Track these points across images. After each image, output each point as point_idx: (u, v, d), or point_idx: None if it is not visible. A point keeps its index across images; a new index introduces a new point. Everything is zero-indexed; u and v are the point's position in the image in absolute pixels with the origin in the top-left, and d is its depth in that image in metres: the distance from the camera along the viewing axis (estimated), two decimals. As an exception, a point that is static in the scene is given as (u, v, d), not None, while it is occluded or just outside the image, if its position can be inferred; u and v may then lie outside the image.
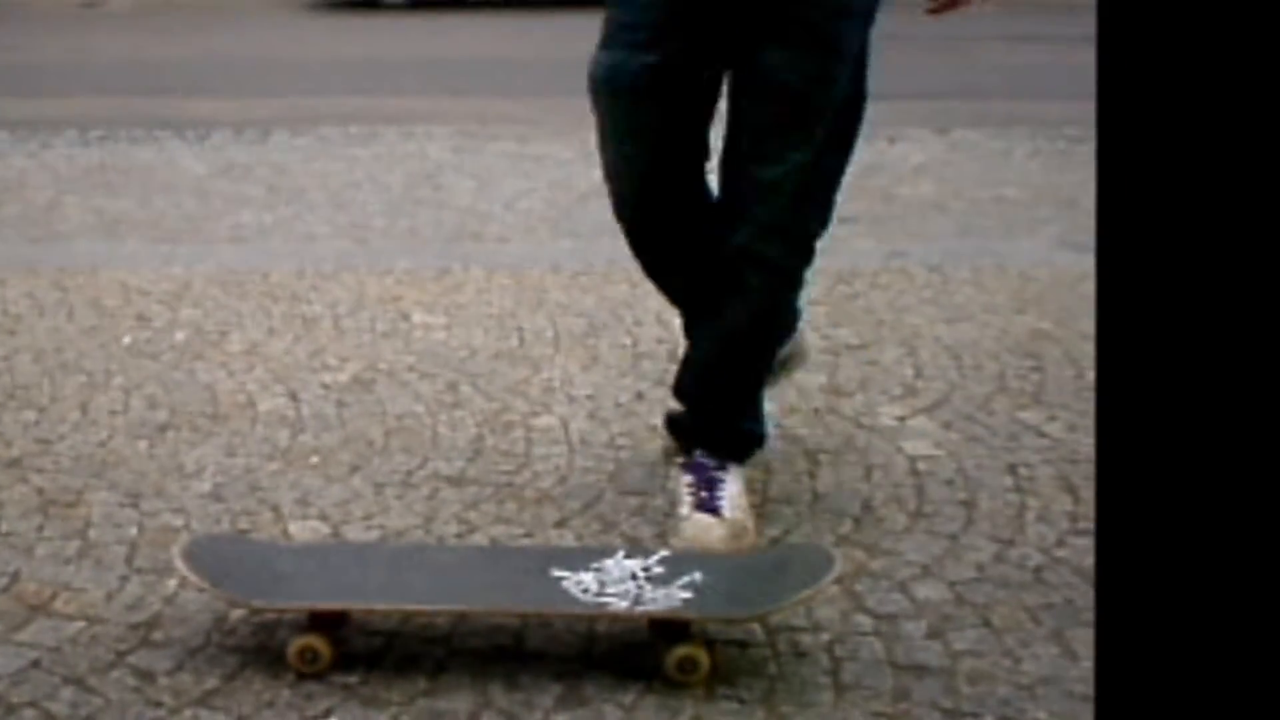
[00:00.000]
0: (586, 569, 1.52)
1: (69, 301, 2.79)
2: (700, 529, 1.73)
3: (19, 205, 3.68)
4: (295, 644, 1.47)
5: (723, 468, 1.80)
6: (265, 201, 3.70)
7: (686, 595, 1.48)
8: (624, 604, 1.47)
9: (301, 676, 1.47)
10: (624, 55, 1.71)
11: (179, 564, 1.54)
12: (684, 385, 1.89)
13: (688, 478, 1.81)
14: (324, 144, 4.48)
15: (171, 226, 3.47)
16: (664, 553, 1.58)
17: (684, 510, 1.78)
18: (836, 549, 1.76)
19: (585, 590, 1.49)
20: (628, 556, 1.55)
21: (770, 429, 1.93)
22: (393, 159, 4.22)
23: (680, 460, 1.89)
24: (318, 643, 1.47)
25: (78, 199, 3.75)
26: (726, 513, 1.75)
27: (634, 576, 1.51)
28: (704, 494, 1.77)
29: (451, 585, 1.53)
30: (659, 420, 2.11)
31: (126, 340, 2.57)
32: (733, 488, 1.79)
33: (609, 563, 1.53)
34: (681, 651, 1.45)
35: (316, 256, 3.16)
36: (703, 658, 1.45)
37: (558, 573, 1.51)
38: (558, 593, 1.49)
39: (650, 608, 1.47)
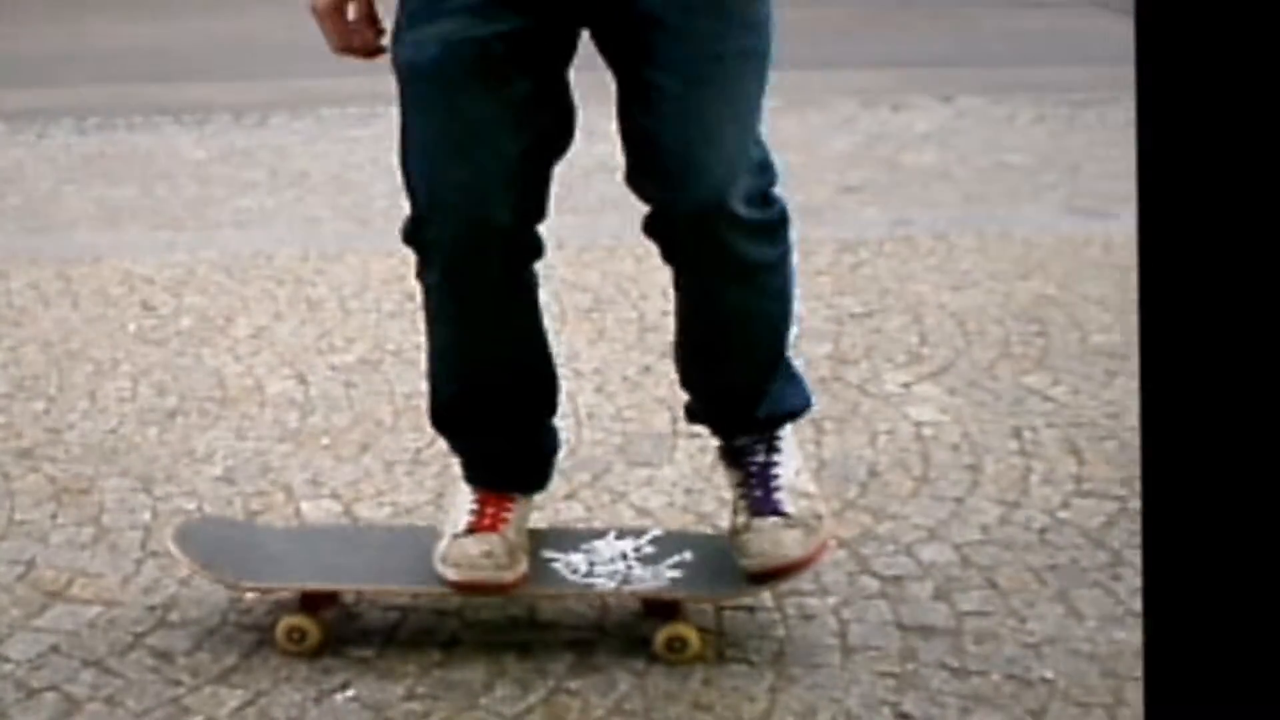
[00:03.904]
0: (577, 550, 1.53)
1: (73, 291, 2.80)
2: (766, 540, 1.43)
3: (19, 196, 3.69)
4: (284, 623, 1.49)
5: (772, 447, 1.50)
6: (267, 185, 3.70)
7: (675, 574, 1.49)
8: (611, 584, 1.48)
9: (317, 652, 1.49)
10: (454, 26, 1.34)
11: (171, 547, 1.56)
12: (691, 375, 1.54)
13: (735, 474, 1.51)
14: (324, 126, 4.48)
15: (173, 213, 3.47)
16: (655, 533, 1.58)
17: (740, 518, 1.47)
18: (843, 514, 1.77)
19: (574, 571, 1.49)
20: (619, 537, 1.56)
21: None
22: (394, 139, 4.21)
23: (719, 446, 1.55)
24: (306, 623, 1.49)
25: (77, 188, 3.76)
26: (788, 507, 1.46)
27: (624, 556, 1.51)
28: (758, 492, 1.47)
29: None
30: (665, 393, 2.12)
31: (132, 328, 2.58)
32: (789, 468, 1.49)
33: (599, 544, 1.54)
34: (669, 631, 1.45)
35: (320, 239, 3.16)
36: (692, 636, 1.45)
37: (548, 554, 1.52)
38: (546, 573, 1.50)
39: (637, 587, 1.48)
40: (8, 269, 2.95)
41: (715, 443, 1.58)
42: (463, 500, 1.54)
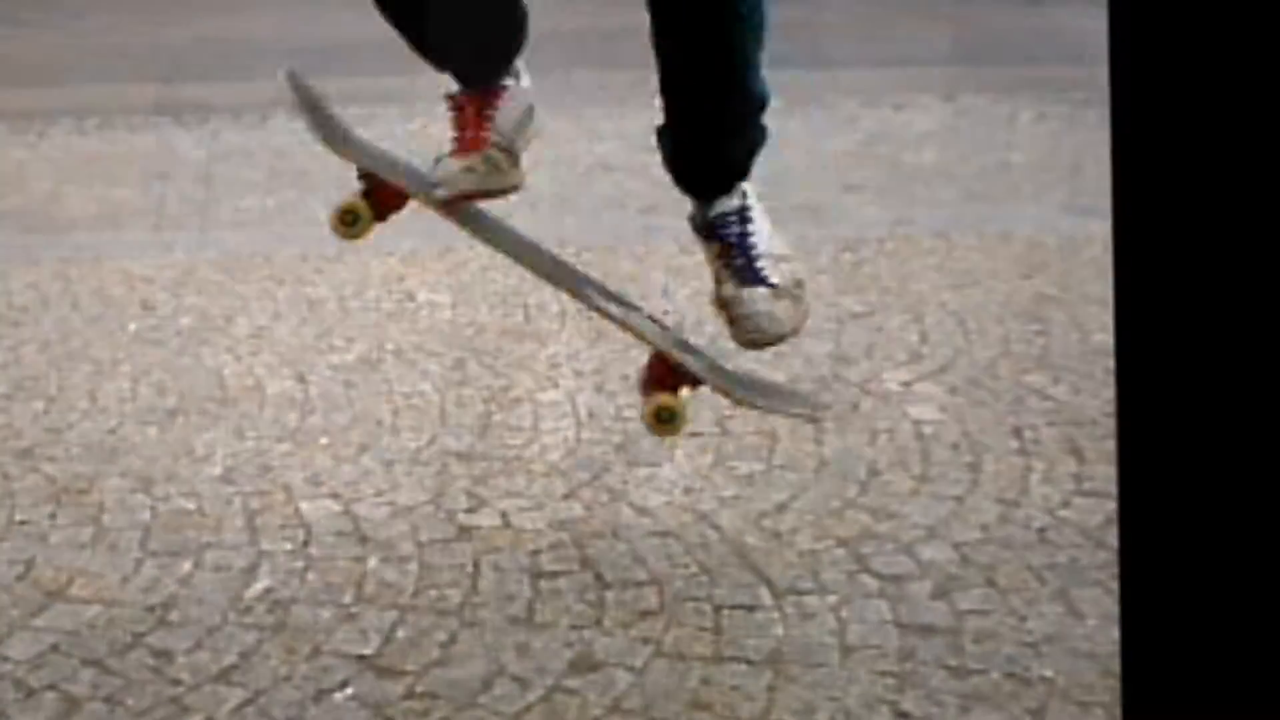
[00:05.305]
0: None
1: (73, 292, 2.81)
2: (761, 313, 1.48)
3: (18, 197, 3.69)
4: (340, 206, 1.61)
5: (745, 218, 1.52)
6: (267, 185, 3.70)
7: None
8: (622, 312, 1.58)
9: (316, 650, 1.50)
10: None
11: (281, 80, 1.71)
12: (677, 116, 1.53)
13: (713, 246, 1.53)
14: (324, 127, 4.46)
15: (173, 213, 3.48)
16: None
17: (727, 288, 1.52)
18: (843, 513, 1.77)
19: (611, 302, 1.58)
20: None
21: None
22: (394, 139, 4.19)
23: (694, 221, 1.57)
24: (361, 206, 1.61)
25: (77, 189, 3.76)
26: (773, 276, 1.51)
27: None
28: (739, 261, 1.51)
29: None
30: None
31: (132, 328, 2.58)
32: (763, 235, 1.53)
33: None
34: (660, 400, 1.52)
35: (320, 239, 3.15)
36: (679, 408, 1.52)
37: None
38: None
39: (650, 337, 1.57)
40: (8, 270, 2.96)
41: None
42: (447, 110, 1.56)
